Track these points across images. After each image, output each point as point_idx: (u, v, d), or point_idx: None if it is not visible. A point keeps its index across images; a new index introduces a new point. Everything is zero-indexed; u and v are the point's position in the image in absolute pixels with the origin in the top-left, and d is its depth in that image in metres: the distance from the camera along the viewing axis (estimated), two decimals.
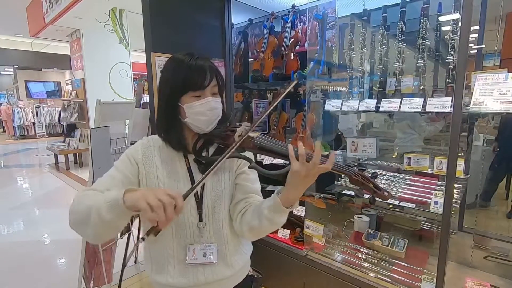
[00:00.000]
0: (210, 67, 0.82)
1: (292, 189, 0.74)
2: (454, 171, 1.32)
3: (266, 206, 0.78)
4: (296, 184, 0.72)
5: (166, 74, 0.85)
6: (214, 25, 2.26)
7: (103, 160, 1.75)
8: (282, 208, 0.75)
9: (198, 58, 0.82)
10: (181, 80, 0.80)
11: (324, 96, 2.17)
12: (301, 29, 2.22)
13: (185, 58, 0.82)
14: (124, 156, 0.87)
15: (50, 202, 4.48)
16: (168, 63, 0.86)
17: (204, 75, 0.81)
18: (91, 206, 0.68)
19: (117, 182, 0.81)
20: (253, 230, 0.84)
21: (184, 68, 0.81)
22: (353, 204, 2.31)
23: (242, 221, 0.87)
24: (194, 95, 0.81)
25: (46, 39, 7.18)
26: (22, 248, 2.96)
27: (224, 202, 0.89)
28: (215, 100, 0.83)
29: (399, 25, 1.64)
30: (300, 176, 0.69)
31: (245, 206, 0.88)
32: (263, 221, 0.79)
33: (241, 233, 0.89)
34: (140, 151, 0.87)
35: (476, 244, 1.85)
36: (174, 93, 0.82)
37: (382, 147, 2.12)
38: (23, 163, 7.59)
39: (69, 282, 2.24)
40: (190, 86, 0.80)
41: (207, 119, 0.83)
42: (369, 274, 1.69)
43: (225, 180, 0.89)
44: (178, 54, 0.85)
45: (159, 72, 1.90)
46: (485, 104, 1.28)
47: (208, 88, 0.82)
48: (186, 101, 0.81)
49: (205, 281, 0.87)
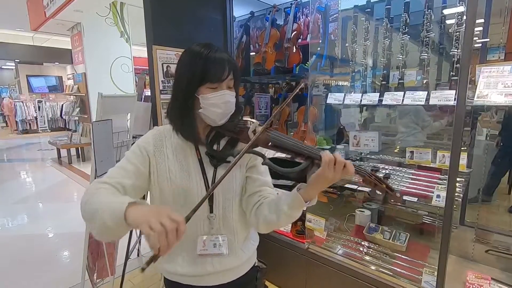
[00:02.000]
0: (229, 61, 0.82)
1: (315, 188, 0.77)
2: (457, 164, 1.31)
3: (285, 203, 0.80)
4: (321, 185, 0.76)
5: (183, 64, 0.85)
6: (216, 18, 2.24)
7: (105, 154, 1.75)
8: (303, 203, 0.78)
9: (217, 51, 0.82)
10: (199, 70, 0.80)
11: (326, 90, 2.15)
12: (303, 22, 2.20)
13: (204, 50, 0.81)
14: (136, 147, 0.87)
15: (53, 196, 4.51)
16: (185, 54, 0.85)
17: (223, 68, 0.81)
18: (97, 209, 0.69)
19: (130, 174, 0.82)
20: (269, 224, 0.85)
21: (203, 59, 0.80)
22: (354, 198, 2.31)
23: (257, 214, 0.87)
24: (211, 87, 0.81)
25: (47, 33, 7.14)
26: (26, 242, 2.99)
27: (234, 195, 0.90)
28: (230, 94, 0.83)
29: (403, 17, 1.62)
30: (327, 179, 0.73)
31: (259, 199, 0.88)
32: (281, 216, 0.81)
33: (256, 225, 0.90)
34: (151, 143, 0.87)
35: (478, 238, 1.85)
36: (192, 83, 0.81)
37: (384, 141, 2.11)
38: (26, 157, 7.62)
39: (73, 275, 2.26)
40: (209, 77, 0.80)
41: (221, 112, 0.82)
42: (370, 267, 1.70)
43: (236, 173, 0.90)
44: (195, 45, 0.84)
45: (161, 65, 1.90)
46: (489, 97, 1.27)
47: (225, 81, 0.82)
48: (202, 91, 0.81)
49: (213, 271, 0.88)
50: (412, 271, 1.62)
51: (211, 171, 0.87)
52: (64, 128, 10.82)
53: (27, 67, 11.61)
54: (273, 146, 0.78)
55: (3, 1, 5.68)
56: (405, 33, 1.63)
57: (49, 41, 9.36)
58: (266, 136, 0.78)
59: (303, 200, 0.77)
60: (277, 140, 0.78)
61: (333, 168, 0.71)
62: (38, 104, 11.35)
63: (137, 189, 0.84)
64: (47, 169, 6.14)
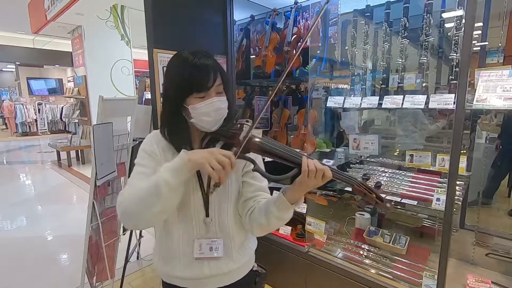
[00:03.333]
0: (213, 66, 0.81)
1: (298, 192, 0.79)
2: (456, 167, 1.31)
3: (273, 205, 0.81)
4: (304, 189, 0.78)
5: (170, 72, 0.85)
6: (216, 22, 2.25)
7: (106, 157, 1.75)
8: (289, 205, 0.80)
9: (201, 58, 0.80)
10: (185, 81, 0.79)
11: (326, 93, 2.16)
12: (303, 26, 2.21)
13: (189, 57, 0.81)
14: (143, 153, 0.86)
15: (53, 198, 4.50)
16: (172, 60, 0.85)
17: (208, 76, 0.80)
18: (149, 186, 0.72)
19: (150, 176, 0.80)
20: (261, 227, 0.87)
21: (188, 68, 0.79)
22: (354, 201, 2.30)
23: (251, 219, 0.88)
24: (199, 96, 0.80)
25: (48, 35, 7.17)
26: (25, 244, 2.98)
27: (230, 199, 0.90)
28: (220, 100, 0.82)
29: (402, 21, 1.63)
30: (308, 186, 0.77)
31: (254, 204, 0.89)
32: (271, 219, 0.82)
33: (251, 229, 0.91)
34: (154, 144, 0.87)
35: (478, 241, 1.85)
36: (179, 95, 0.81)
37: (384, 144, 2.11)
38: (26, 159, 7.62)
39: (72, 277, 2.26)
40: (194, 87, 0.79)
41: (212, 120, 0.82)
42: (370, 271, 1.70)
43: (232, 178, 0.90)
44: (183, 52, 0.84)
45: (161, 68, 1.91)
46: (488, 100, 1.28)
47: (212, 88, 0.81)
48: (191, 102, 0.81)
49: (210, 274, 0.89)
50: (412, 274, 1.62)
51: (206, 177, 0.87)
52: (64, 131, 10.81)
53: (27, 69, 11.63)
54: (263, 152, 0.79)
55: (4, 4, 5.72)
56: (405, 37, 1.64)
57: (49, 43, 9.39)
58: (256, 142, 0.78)
59: (288, 203, 0.79)
60: (266, 146, 0.78)
61: (314, 176, 0.74)
62: (38, 106, 11.37)
63: None
64: (46, 171, 6.13)
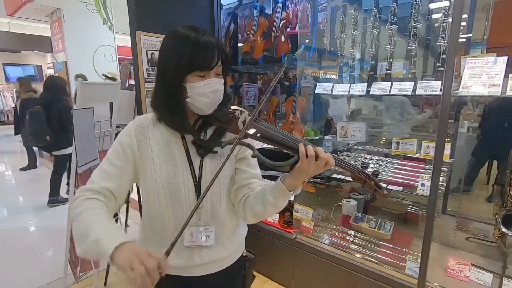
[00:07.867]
0: (217, 45, 0.77)
1: (297, 179, 0.76)
2: (442, 151, 1.34)
3: (270, 193, 0.79)
4: (303, 176, 0.75)
5: (167, 50, 0.79)
6: (203, 5, 2.18)
7: (87, 143, 1.69)
8: (287, 193, 0.77)
9: (205, 34, 0.76)
10: (187, 57, 0.74)
11: (314, 81, 2.15)
12: (292, 11, 2.17)
13: (190, 34, 0.76)
14: (118, 145, 0.82)
15: (34, 189, 4.35)
16: (169, 39, 0.80)
17: (213, 54, 0.75)
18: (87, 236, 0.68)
19: (114, 178, 0.79)
20: (256, 214, 0.85)
21: (191, 44, 0.75)
22: (341, 188, 2.33)
23: (245, 206, 0.86)
24: (199, 75, 0.76)
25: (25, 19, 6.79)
26: (7, 235, 2.90)
27: (222, 187, 0.88)
28: (218, 82, 0.79)
29: (391, 7, 1.62)
30: (308, 173, 0.73)
31: (248, 192, 0.87)
32: (267, 207, 0.80)
33: (244, 216, 0.89)
34: (133, 136, 0.82)
35: (459, 226, 1.91)
36: (179, 72, 0.76)
37: (371, 133, 2.13)
38: (4, 149, 7.32)
39: (55, 268, 2.19)
40: (197, 65, 0.75)
41: (210, 101, 0.78)
42: (356, 256, 1.73)
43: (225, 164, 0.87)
44: (180, 28, 0.79)
45: (145, 52, 1.83)
46: (473, 88, 1.29)
47: (214, 68, 0.77)
48: (189, 80, 0.76)
49: (200, 262, 0.86)
50: (396, 258, 1.66)
51: (197, 161, 0.84)
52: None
53: (3, 55, 11.03)
54: (262, 138, 0.76)
55: None
56: (393, 23, 1.64)
57: (27, 27, 8.91)
58: (255, 127, 0.76)
59: (287, 190, 0.77)
60: (266, 131, 0.75)
61: (314, 162, 0.71)
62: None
63: (123, 188, 0.82)
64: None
